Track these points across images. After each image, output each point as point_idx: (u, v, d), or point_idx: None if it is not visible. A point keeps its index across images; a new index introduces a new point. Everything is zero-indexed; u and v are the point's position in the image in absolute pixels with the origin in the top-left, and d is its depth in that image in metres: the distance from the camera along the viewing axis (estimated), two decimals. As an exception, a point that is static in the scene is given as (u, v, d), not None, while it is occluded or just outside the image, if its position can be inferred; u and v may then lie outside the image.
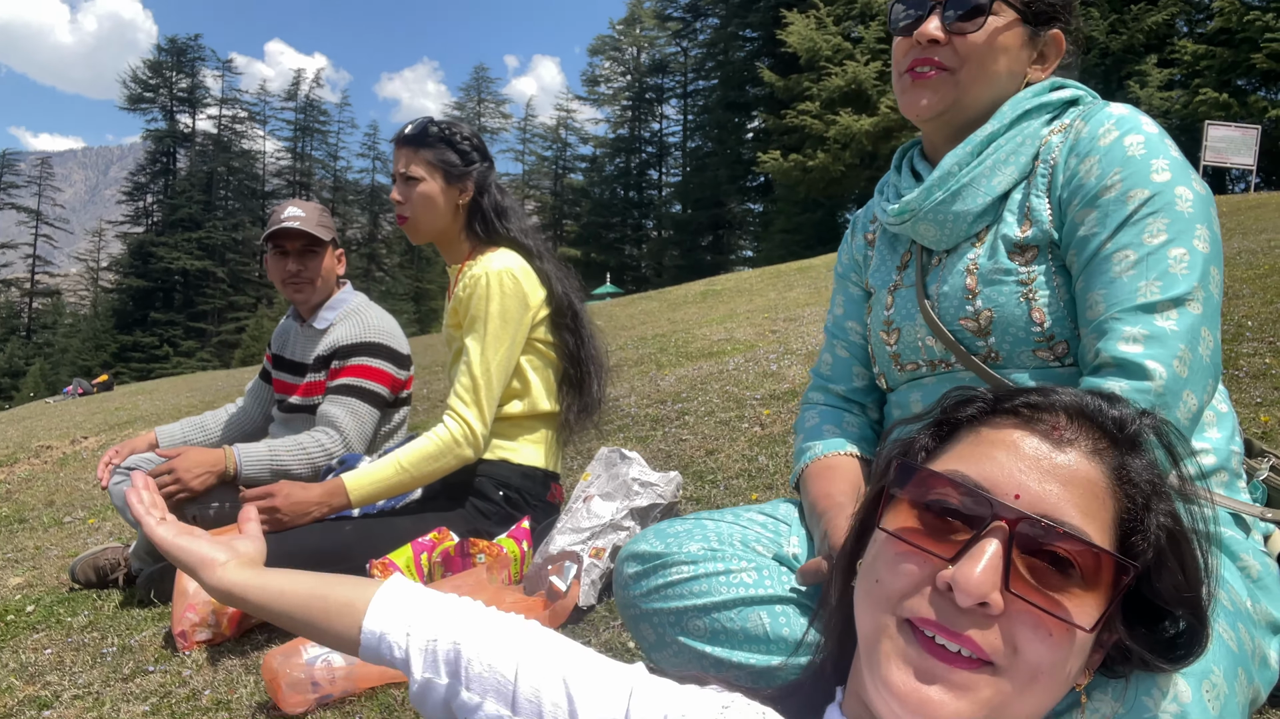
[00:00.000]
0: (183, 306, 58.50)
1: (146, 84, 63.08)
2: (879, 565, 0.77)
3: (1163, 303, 1.10)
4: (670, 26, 50.42)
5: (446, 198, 2.37)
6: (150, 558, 2.74)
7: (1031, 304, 1.22)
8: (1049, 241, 1.23)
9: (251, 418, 3.16)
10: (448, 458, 2.20)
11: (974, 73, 1.28)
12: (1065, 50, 1.33)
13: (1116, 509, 0.74)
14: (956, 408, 0.83)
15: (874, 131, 25.18)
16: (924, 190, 1.30)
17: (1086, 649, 0.74)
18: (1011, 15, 1.27)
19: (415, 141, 2.36)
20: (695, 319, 9.75)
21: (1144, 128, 1.19)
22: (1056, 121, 1.28)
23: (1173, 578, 0.74)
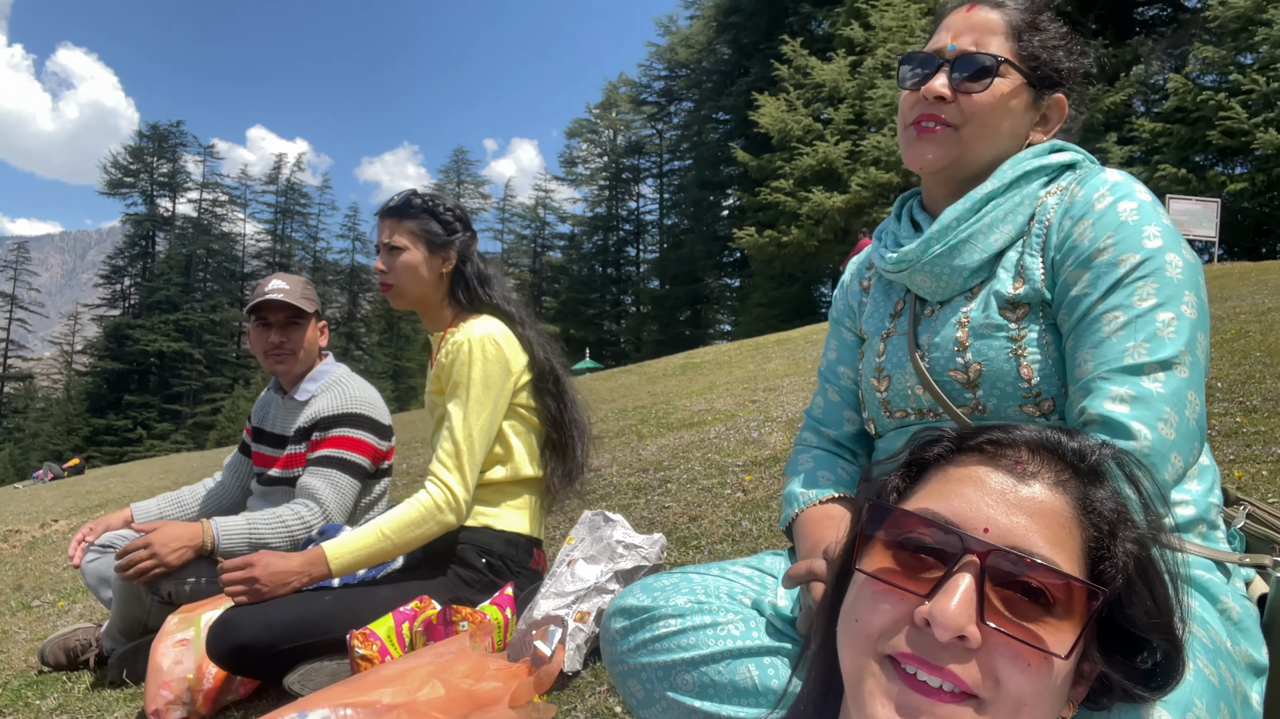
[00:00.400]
0: (158, 389, 57.92)
1: (127, 169, 63.63)
2: (858, 606, 0.79)
3: (1150, 365, 1.13)
4: (645, 110, 51.76)
5: (429, 266, 2.40)
6: (123, 637, 2.67)
7: (1021, 360, 1.25)
8: (1040, 300, 1.26)
9: (230, 492, 3.13)
10: (430, 524, 2.19)
11: (977, 131, 1.32)
12: (1067, 115, 1.37)
13: (1084, 538, 0.76)
14: (923, 448, 0.86)
15: (845, 208, 25.73)
16: (923, 242, 1.33)
17: (1067, 679, 0.75)
18: (1017, 78, 1.32)
19: (399, 212, 2.41)
20: (675, 391, 9.79)
21: (1137, 194, 1.23)
22: (1054, 184, 1.32)
23: (1144, 603, 0.75)
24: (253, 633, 2.00)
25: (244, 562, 2.13)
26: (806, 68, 28.45)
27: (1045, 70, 1.34)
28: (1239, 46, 21.39)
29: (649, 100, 51.96)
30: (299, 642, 2.04)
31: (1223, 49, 21.57)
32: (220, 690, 2.16)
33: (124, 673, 2.55)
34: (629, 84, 53.16)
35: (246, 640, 1.99)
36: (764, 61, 33.79)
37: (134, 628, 2.63)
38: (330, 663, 2.06)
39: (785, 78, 29.19)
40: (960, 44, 1.33)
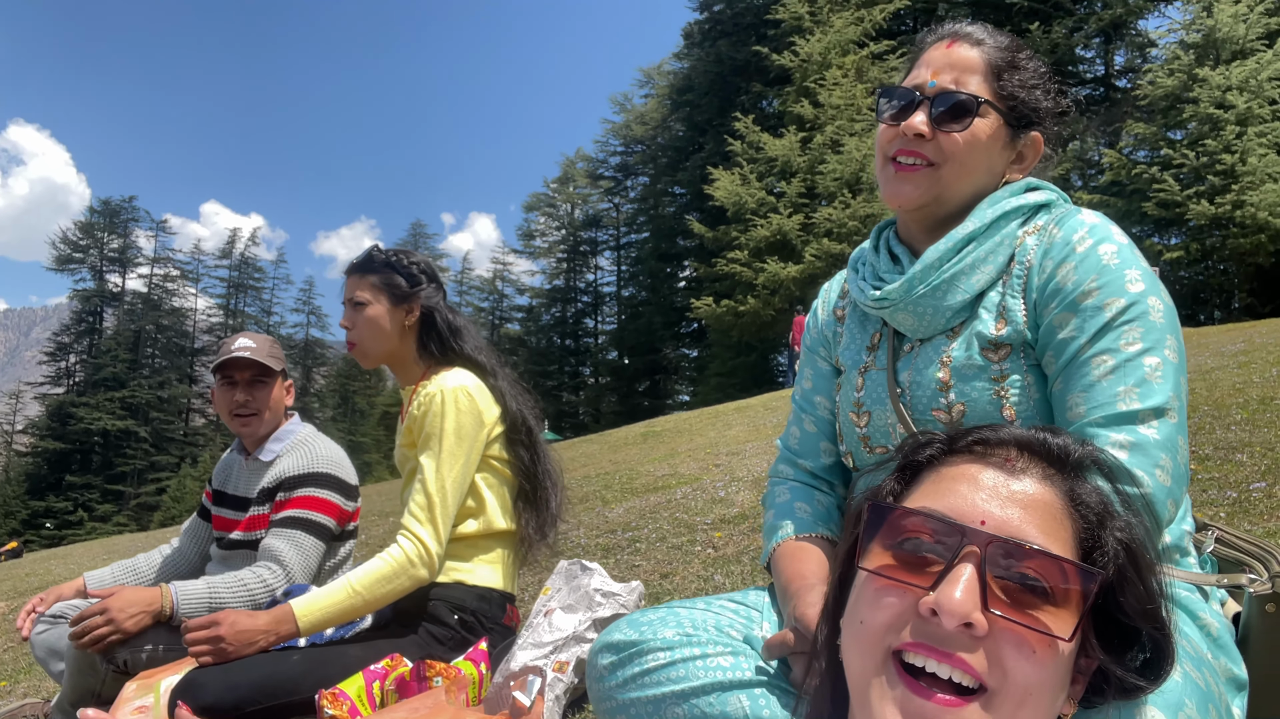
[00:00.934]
0: (101, 469, 56.14)
1: (76, 245, 62.74)
2: (861, 607, 0.80)
3: (1144, 412, 1.15)
4: (602, 184, 52.70)
5: (393, 319, 2.39)
6: (74, 709, 2.55)
7: (1004, 401, 1.27)
8: (1022, 341, 1.28)
9: (188, 558, 3.03)
10: (402, 579, 2.15)
11: (956, 170, 1.33)
12: (1042, 153, 1.40)
13: (1074, 528, 0.79)
14: (915, 451, 0.89)
15: (800, 278, 26.27)
16: (906, 282, 1.33)
17: (1068, 667, 0.76)
18: (996, 118, 1.34)
19: (361, 268, 2.42)
20: (637, 458, 9.76)
21: (1115, 237, 1.26)
22: (1030, 223, 1.33)
23: (1135, 590, 0.78)
24: (217, 694, 1.93)
25: (208, 620, 2.07)
26: (759, 143, 29.30)
27: (1023, 110, 1.36)
28: (1168, 123, 22.56)
29: (606, 175, 52.94)
30: (265, 703, 1.97)
31: (1153, 125, 22.72)
32: (179, 761, 2.06)
33: (74, 748, 2.43)
34: (586, 159, 54.19)
35: (210, 702, 1.91)
36: (717, 137, 34.76)
37: (86, 699, 2.51)
38: (296, 727, 1.99)
39: (739, 152, 30.00)
40: (940, 81, 1.34)
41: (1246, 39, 21.65)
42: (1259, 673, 1.15)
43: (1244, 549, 1.30)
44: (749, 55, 33.64)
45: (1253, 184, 20.10)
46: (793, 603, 1.26)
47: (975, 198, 1.36)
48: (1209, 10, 22.08)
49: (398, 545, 2.17)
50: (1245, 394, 4.56)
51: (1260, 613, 1.16)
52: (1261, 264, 20.82)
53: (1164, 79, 22.48)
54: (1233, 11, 21.65)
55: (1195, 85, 21.59)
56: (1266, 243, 19.97)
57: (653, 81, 48.92)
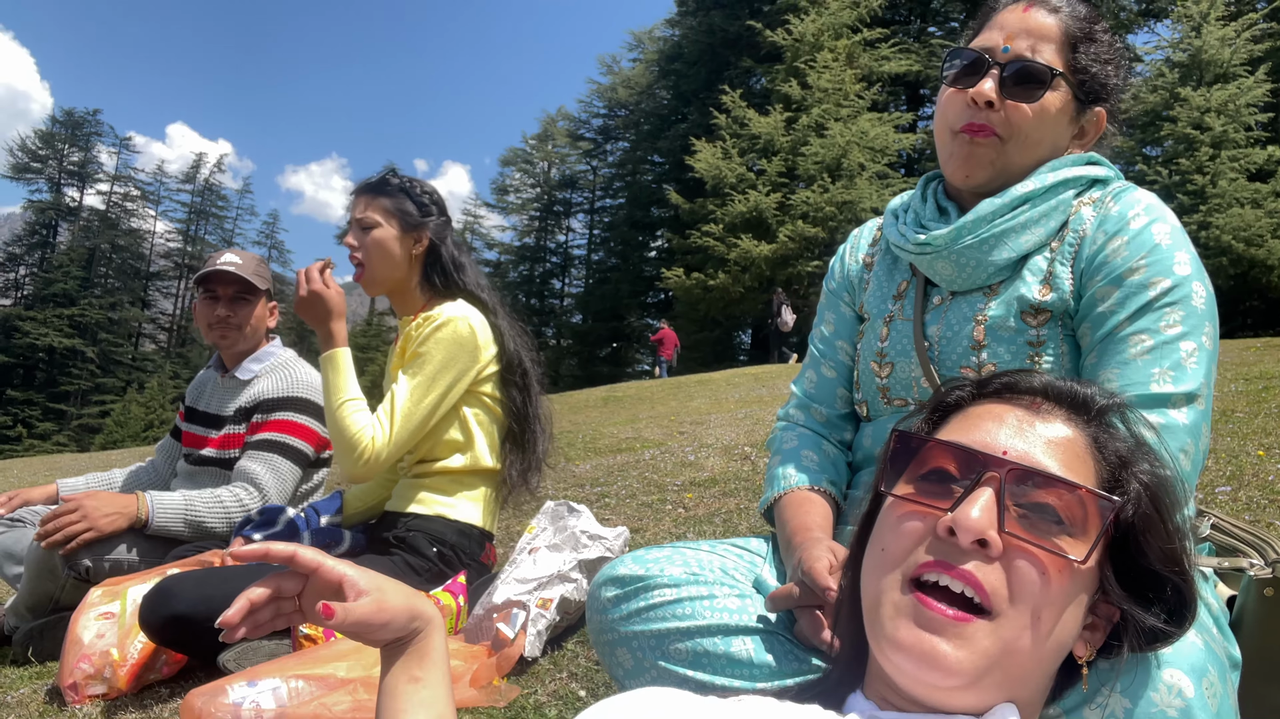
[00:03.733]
0: (44, 385, 54.75)
1: (35, 154, 60.59)
2: (884, 534, 0.83)
3: (1176, 396, 1.16)
4: (582, 146, 52.11)
5: (401, 246, 2.35)
6: (30, 614, 2.50)
7: (1036, 366, 1.27)
8: (1064, 310, 1.27)
9: (162, 475, 2.98)
10: (348, 451, 2.13)
11: (1020, 145, 1.30)
12: (1104, 130, 1.38)
13: (1097, 469, 0.82)
14: (946, 394, 0.92)
15: (772, 258, 26.31)
16: (954, 230, 1.30)
17: (1082, 601, 0.79)
18: (1066, 91, 1.30)
19: (374, 189, 2.37)
20: (598, 420, 9.77)
21: (1169, 219, 1.26)
22: (1086, 194, 1.32)
23: (1158, 531, 0.80)
24: (190, 604, 1.90)
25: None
26: (744, 119, 29.15)
27: (1093, 85, 1.33)
28: (1146, 139, 22.90)
29: (586, 136, 52.34)
30: (238, 617, 1.95)
31: (1131, 140, 23.03)
32: (144, 667, 2.04)
33: (29, 650, 2.39)
34: (567, 118, 53.51)
35: (183, 611, 1.89)
36: (702, 109, 34.49)
37: (43, 604, 2.47)
38: (269, 643, 1.97)
39: (723, 126, 29.84)
40: (1015, 47, 1.29)
41: (1230, 63, 22.01)
42: (1250, 654, 1.18)
43: (1239, 536, 1.33)
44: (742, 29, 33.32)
45: (1220, 206, 20.54)
46: (798, 554, 1.26)
47: (1033, 167, 1.34)
48: (1198, 31, 22.37)
49: (372, 429, 2.15)
50: (1206, 405, 4.67)
51: (1258, 597, 1.19)
52: (1220, 287, 21.30)
53: (1146, 95, 22.78)
54: (1220, 34, 21.97)
55: (1176, 104, 21.93)
56: (1228, 265, 20.44)
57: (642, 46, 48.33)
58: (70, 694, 1.97)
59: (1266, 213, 20.37)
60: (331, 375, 2.18)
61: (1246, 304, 22.66)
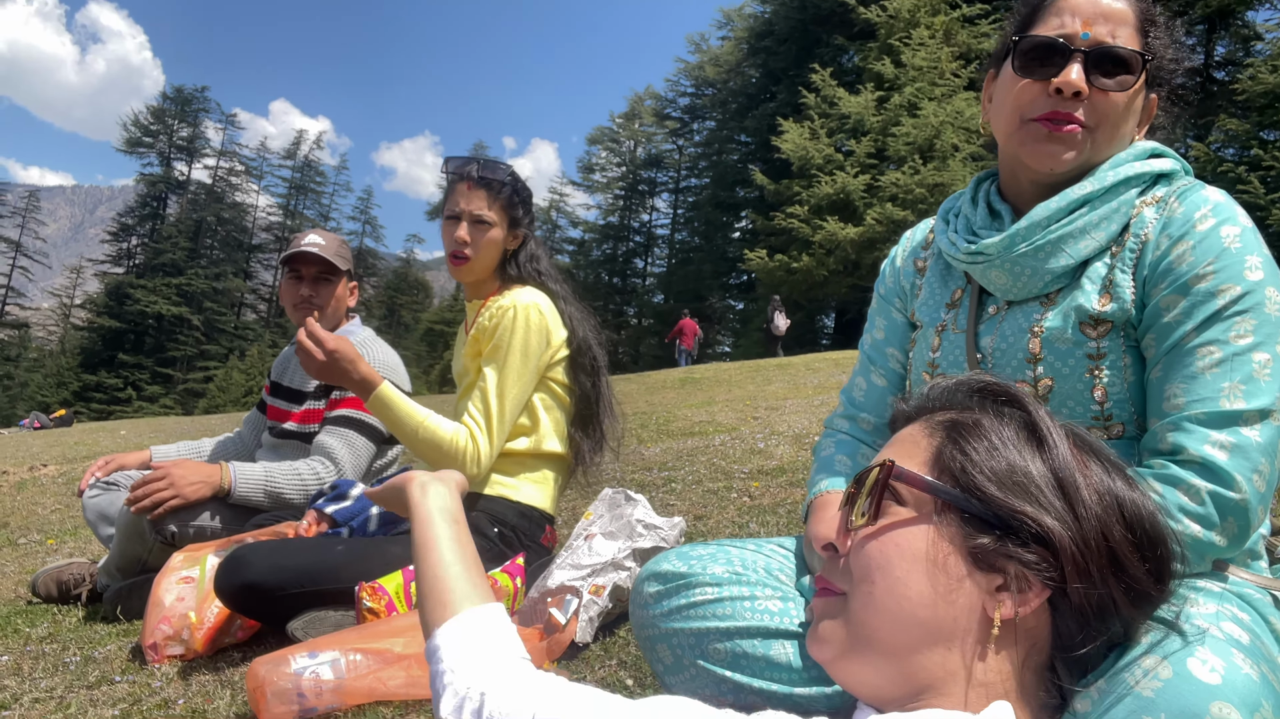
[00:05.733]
0: (152, 351, 57.67)
1: (147, 129, 63.52)
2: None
3: (1249, 414, 1.09)
4: (668, 125, 51.91)
5: (504, 244, 2.39)
6: (119, 574, 2.65)
7: (1096, 380, 1.20)
8: (1125, 320, 1.20)
9: (248, 446, 3.12)
10: (453, 462, 2.17)
11: (1109, 133, 1.25)
12: (1155, 115, 1.31)
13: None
14: None
15: (858, 241, 25.79)
16: (1008, 237, 1.25)
17: (933, 553, 0.86)
18: (1142, 76, 1.25)
19: (493, 187, 2.35)
20: (674, 402, 9.78)
21: (1239, 219, 1.17)
22: (1149, 193, 1.25)
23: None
24: (261, 573, 1.98)
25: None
26: (833, 98, 28.58)
27: (1158, 68, 1.28)
28: (1263, 122, 21.55)
29: (672, 115, 52.11)
30: (307, 588, 2.03)
31: (1247, 122, 21.74)
32: (220, 631, 2.14)
33: (118, 609, 2.54)
34: (654, 97, 53.35)
35: (255, 579, 1.97)
36: (791, 88, 33.95)
37: (132, 566, 2.62)
38: (335, 613, 2.04)
39: (811, 106, 29.32)
40: (1095, 33, 1.24)
41: (1361, 41, 20.54)
42: None
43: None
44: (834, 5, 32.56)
45: (1344, 195, 19.26)
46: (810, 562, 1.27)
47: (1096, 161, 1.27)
48: (1327, 6, 20.93)
49: (466, 433, 2.19)
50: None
51: None
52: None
53: (1265, 75, 21.38)
54: (1353, 10, 20.50)
55: (1298, 84, 20.57)
56: (1347, 258, 19.18)
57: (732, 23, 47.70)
58: (150, 653, 2.08)
59: (1397, 202, 19.02)
60: (393, 410, 2.16)
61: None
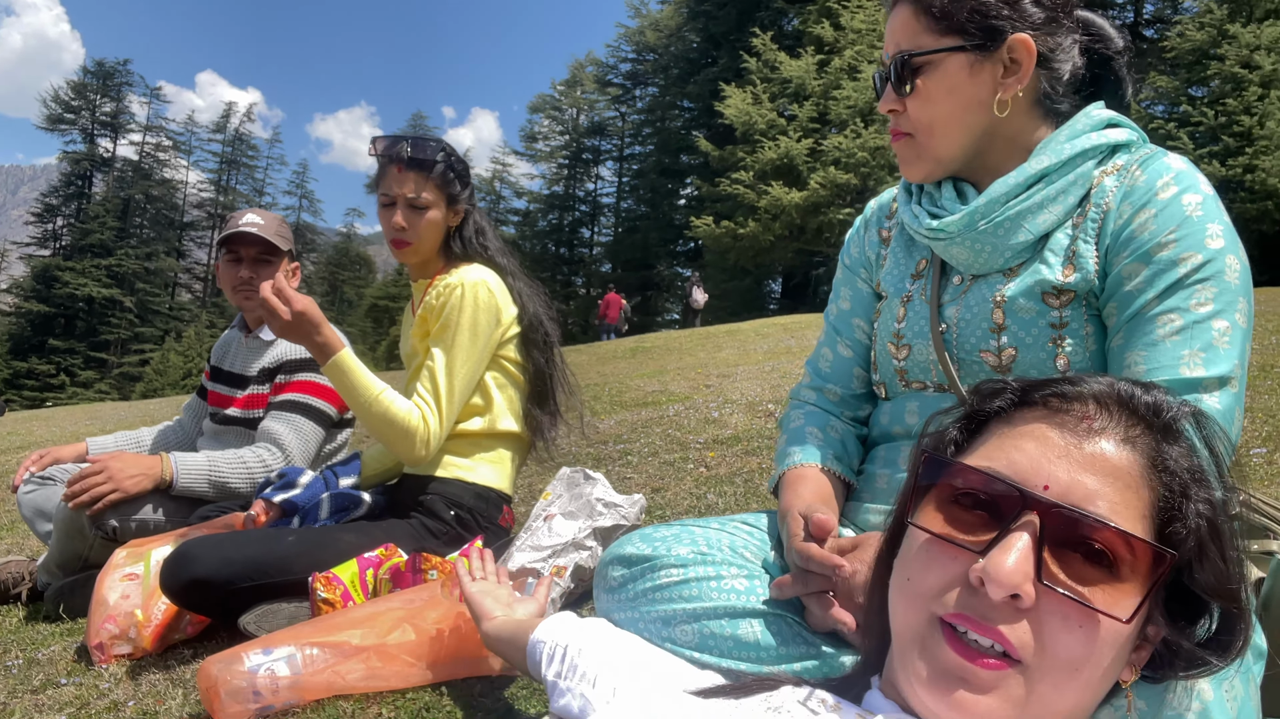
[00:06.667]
0: (85, 335, 55.83)
1: (68, 105, 60.94)
2: (911, 564, 0.76)
3: (1209, 380, 1.10)
4: (610, 92, 51.40)
5: (444, 222, 2.32)
6: (60, 572, 2.56)
7: (1059, 350, 1.21)
8: (1088, 290, 1.21)
9: (189, 434, 3.02)
10: (404, 441, 2.12)
11: (929, 131, 1.28)
12: (1041, 52, 1.25)
13: (1152, 498, 0.73)
14: (985, 400, 0.82)
15: (803, 205, 25.92)
16: (966, 215, 1.25)
17: (1126, 643, 0.72)
18: (944, 56, 1.25)
19: (424, 167, 2.27)
20: (626, 372, 9.76)
21: (1201, 187, 1.18)
22: (1108, 162, 1.25)
23: (1214, 567, 0.72)
24: (210, 567, 1.92)
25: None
26: (775, 62, 28.55)
27: (973, 23, 1.24)
28: (1191, 79, 22.12)
29: (614, 82, 51.60)
30: (258, 580, 1.97)
31: (1176, 80, 22.26)
32: (168, 628, 2.08)
33: (60, 607, 2.45)
34: (596, 64, 52.73)
35: (203, 574, 1.91)
36: (732, 53, 33.85)
37: (73, 562, 2.52)
38: (289, 605, 1.99)
39: (753, 70, 29.26)
40: (891, 53, 1.30)
41: (1283, -2, 21.09)
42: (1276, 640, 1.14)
43: (1270, 514, 1.29)
44: (773, -32, 32.52)
45: (1267, 149, 19.85)
46: (786, 538, 1.25)
47: (991, 136, 1.28)
48: (1250, -37, 21.44)
49: (419, 413, 2.14)
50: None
51: None
52: (1265, 231, 20.70)
53: (1193, 32, 21.94)
54: (1274, -32, 21.03)
55: (1224, 42, 21.07)
56: (1273, 209, 19.83)
57: (671, -13, 47.30)
58: (97, 654, 2.01)
59: (1317, 155, 19.68)
60: (349, 379, 2.08)
61: (1293, 251, 22.03)
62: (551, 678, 1.11)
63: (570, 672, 1.08)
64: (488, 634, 1.36)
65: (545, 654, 1.14)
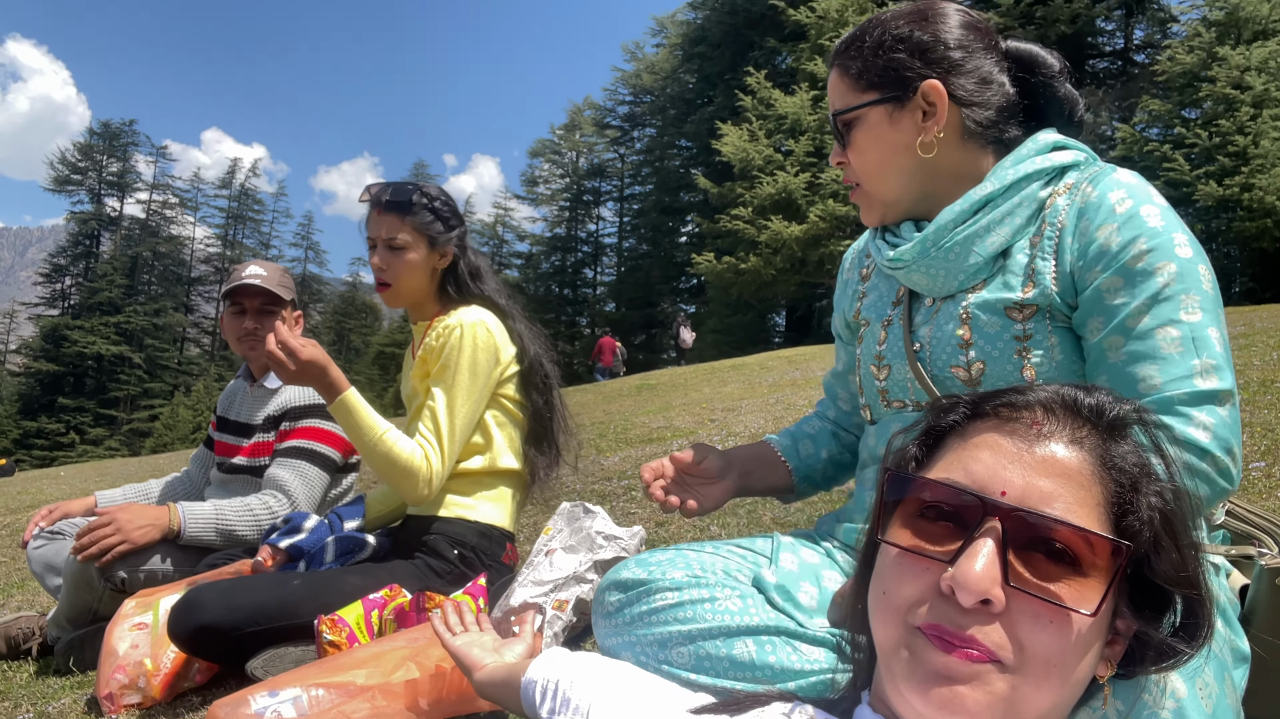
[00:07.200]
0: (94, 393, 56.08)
1: (75, 166, 61.87)
2: (885, 577, 0.79)
3: (1222, 394, 1.14)
4: (609, 134, 52.02)
5: (428, 264, 2.36)
6: (70, 625, 2.58)
7: (1025, 361, 1.26)
8: (1048, 304, 1.25)
9: (197, 485, 3.05)
10: (409, 480, 2.14)
11: (868, 178, 1.40)
12: (957, 93, 1.32)
13: (1105, 494, 0.76)
14: (939, 415, 0.86)
15: (803, 238, 26.08)
16: (918, 243, 1.32)
17: (1098, 638, 0.75)
18: (867, 110, 1.36)
19: (401, 209, 2.32)
20: (632, 409, 9.78)
21: (1155, 200, 1.22)
22: (1058, 183, 1.30)
23: (1170, 556, 0.76)
24: (216, 613, 1.95)
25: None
26: (769, 99, 28.88)
27: (883, 76, 1.34)
28: (1184, 101, 22.26)
29: (613, 124, 52.26)
30: (264, 625, 1.99)
31: (1169, 103, 22.42)
32: (177, 676, 2.09)
33: (70, 661, 2.46)
34: (593, 107, 53.45)
35: (210, 621, 1.93)
36: (727, 91, 34.25)
37: (82, 615, 2.54)
38: (295, 649, 2.01)
39: (748, 108, 29.59)
40: (831, 112, 1.43)
41: (1269, 19, 21.28)
42: (1265, 645, 1.16)
43: (1255, 523, 1.31)
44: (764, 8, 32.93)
45: (1263, 167, 19.90)
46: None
47: (932, 174, 1.35)
48: (1235, -13, 21.69)
49: (421, 453, 2.17)
50: (1245, 376, 4.57)
51: (1270, 586, 1.16)
52: (1265, 249, 20.70)
53: (1183, 56, 22.12)
54: (1259, -10, 21.28)
55: (1214, 64, 21.25)
56: (1272, 227, 19.84)
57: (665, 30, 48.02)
58: (107, 704, 2.03)
59: (1312, 172, 19.73)
60: (355, 418, 2.11)
61: (1293, 267, 22.02)
62: (545, 715, 1.10)
63: (563, 706, 1.08)
64: (480, 684, 1.34)
65: (538, 692, 1.13)
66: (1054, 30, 25.72)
